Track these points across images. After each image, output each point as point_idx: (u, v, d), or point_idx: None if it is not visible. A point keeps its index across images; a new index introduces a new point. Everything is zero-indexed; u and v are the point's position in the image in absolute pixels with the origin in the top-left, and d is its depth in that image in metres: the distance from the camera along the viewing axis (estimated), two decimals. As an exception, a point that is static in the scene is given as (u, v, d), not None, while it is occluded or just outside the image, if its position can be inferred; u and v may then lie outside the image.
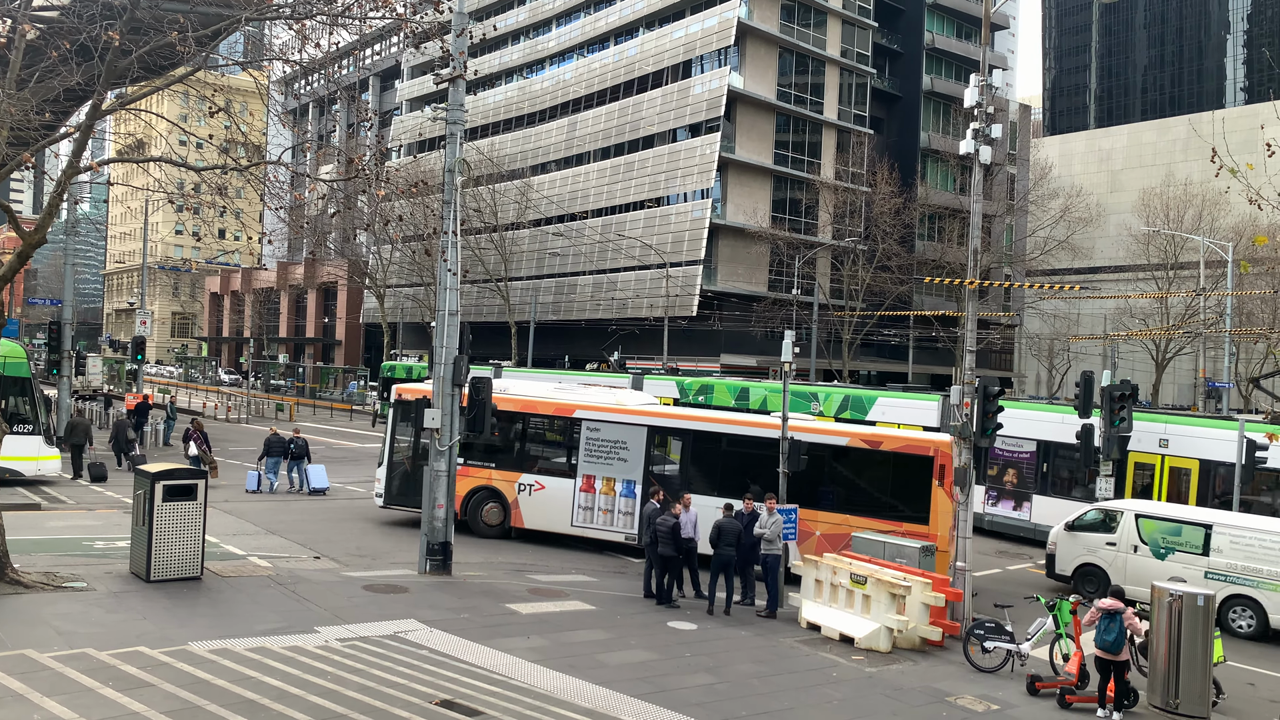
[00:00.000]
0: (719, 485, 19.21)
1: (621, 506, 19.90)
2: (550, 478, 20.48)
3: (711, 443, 19.84)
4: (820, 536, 18.24)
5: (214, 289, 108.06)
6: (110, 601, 13.12)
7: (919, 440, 19.02)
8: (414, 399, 19.53)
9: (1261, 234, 32.15)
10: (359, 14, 14.58)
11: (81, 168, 14.20)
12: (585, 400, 21.33)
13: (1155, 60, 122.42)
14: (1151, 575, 16.92)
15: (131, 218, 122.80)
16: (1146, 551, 18.55)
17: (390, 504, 21.48)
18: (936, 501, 17.84)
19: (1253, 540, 17.52)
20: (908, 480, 18.34)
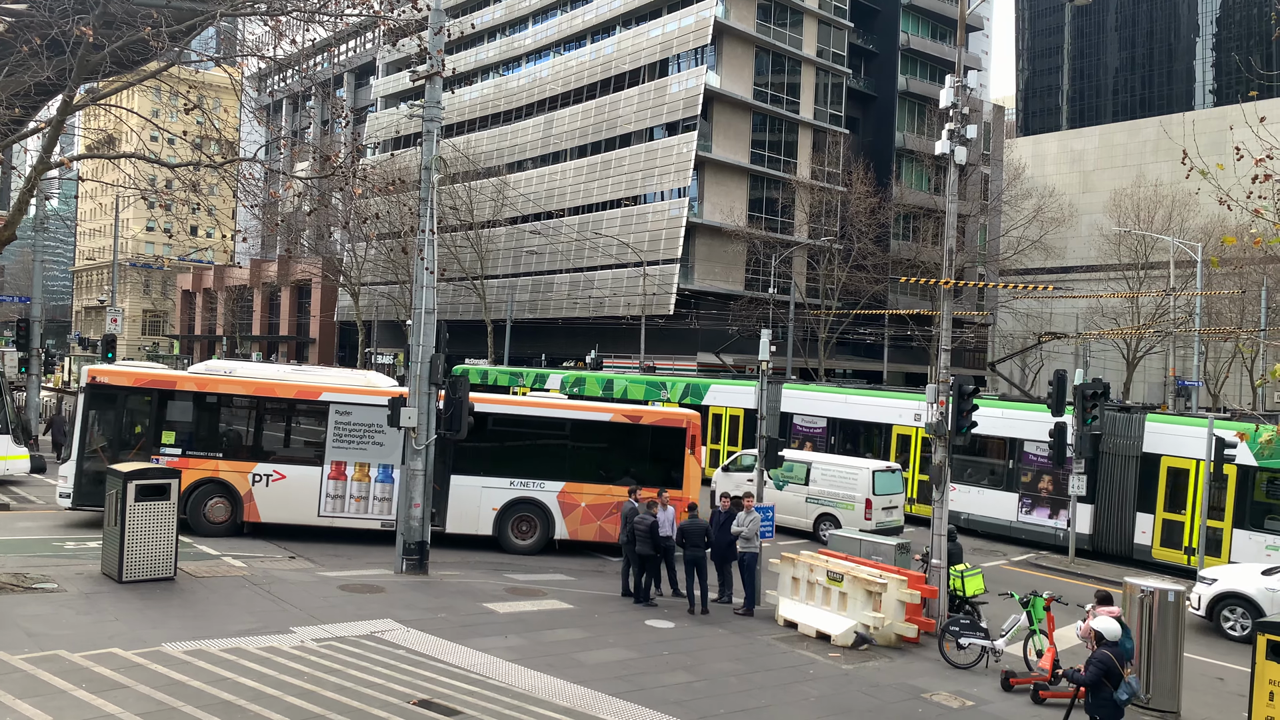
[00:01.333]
0: (495, 465, 19.48)
1: (378, 493, 19.16)
2: (292, 466, 19.04)
3: (477, 423, 18.54)
4: (586, 507, 19.56)
5: (186, 286, 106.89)
6: (82, 603, 12.96)
7: (673, 414, 20.92)
8: (119, 385, 18.89)
9: (1230, 234, 32.58)
10: (335, 10, 14.48)
11: (52, 163, 14.01)
12: (334, 382, 20.19)
13: (1126, 62, 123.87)
14: (776, 501, 22.30)
15: (102, 214, 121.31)
16: (772, 484, 23.66)
17: (80, 505, 18.87)
18: (689, 468, 20.02)
19: (834, 473, 23.77)
20: (665, 450, 20.08)
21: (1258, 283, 49.20)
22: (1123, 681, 9.39)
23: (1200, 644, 16.09)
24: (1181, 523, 22.14)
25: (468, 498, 19.30)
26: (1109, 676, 9.39)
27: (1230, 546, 20.96)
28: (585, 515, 19.63)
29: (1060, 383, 21.55)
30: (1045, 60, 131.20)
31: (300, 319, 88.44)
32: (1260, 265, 49.80)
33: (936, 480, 16.03)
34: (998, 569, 21.89)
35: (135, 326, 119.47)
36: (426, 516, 16.88)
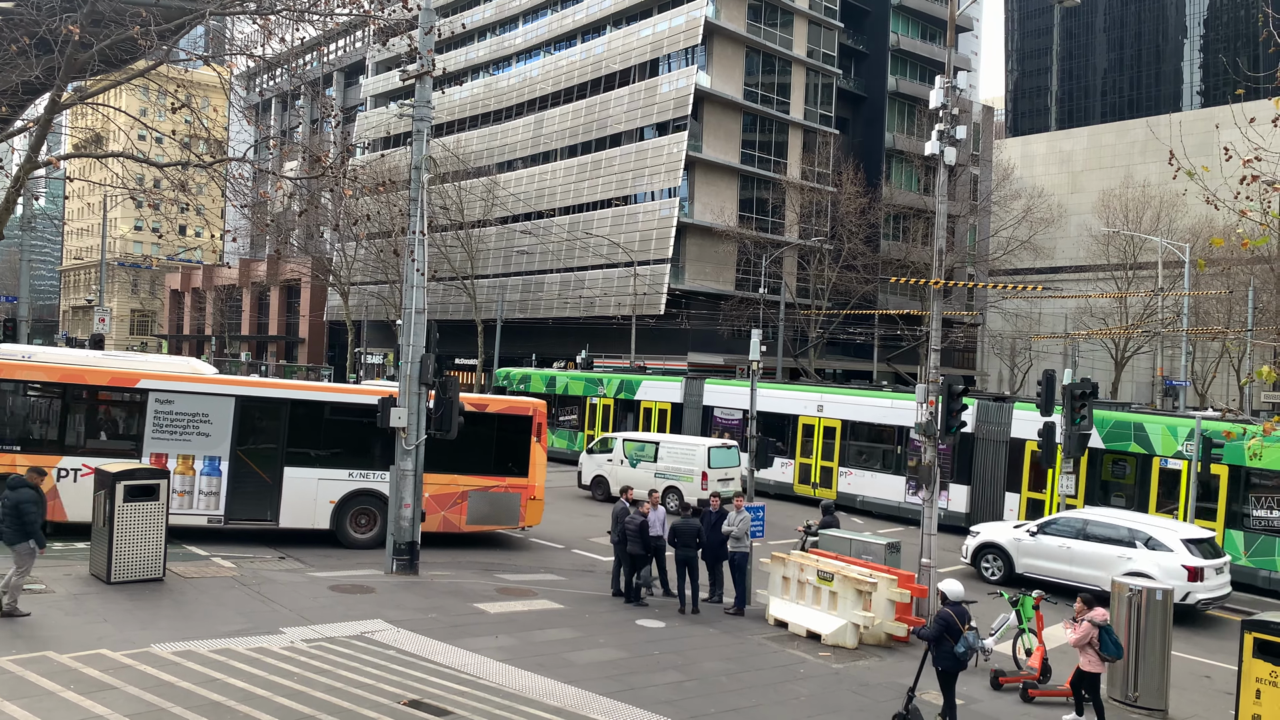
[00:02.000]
0: (332, 456, 18.71)
1: (204, 486, 18.06)
2: (105, 460, 16.82)
3: (312, 412, 18.76)
4: (430, 498, 18.66)
5: (174, 286, 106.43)
6: (70, 604, 12.90)
7: (520, 402, 20.91)
8: None
9: (1218, 235, 32.77)
10: (324, 9, 14.44)
11: (39, 162, 13.94)
12: (153, 369, 19.00)
13: (1115, 63, 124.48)
14: (631, 477, 25.76)
15: (90, 213, 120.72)
16: (628, 463, 27.25)
17: None
18: (535, 456, 20.12)
19: (677, 451, 26.69)
20: (511, 439, 20.08)
21: (1245, 283, 49.50)
22: (961, 636, 10.51)
23: (1189, 642, 16.18)
24: (1043, 501, 24.04)
25: (303, 491, 18.42)
26: (949, 632, 10.55)
27: None
28: (429, 505, 18.66)
29: (1049, 383, 21.63)
30: (1034, 61, 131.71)
31: (289, 319, 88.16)
32: (1247, 266, 50.11)
33: (925, 480, 16.08)
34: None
35: (123, 326, 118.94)
36: (417, 517, 16.85)
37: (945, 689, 11.02)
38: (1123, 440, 23.11)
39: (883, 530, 24.51)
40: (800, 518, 22.56)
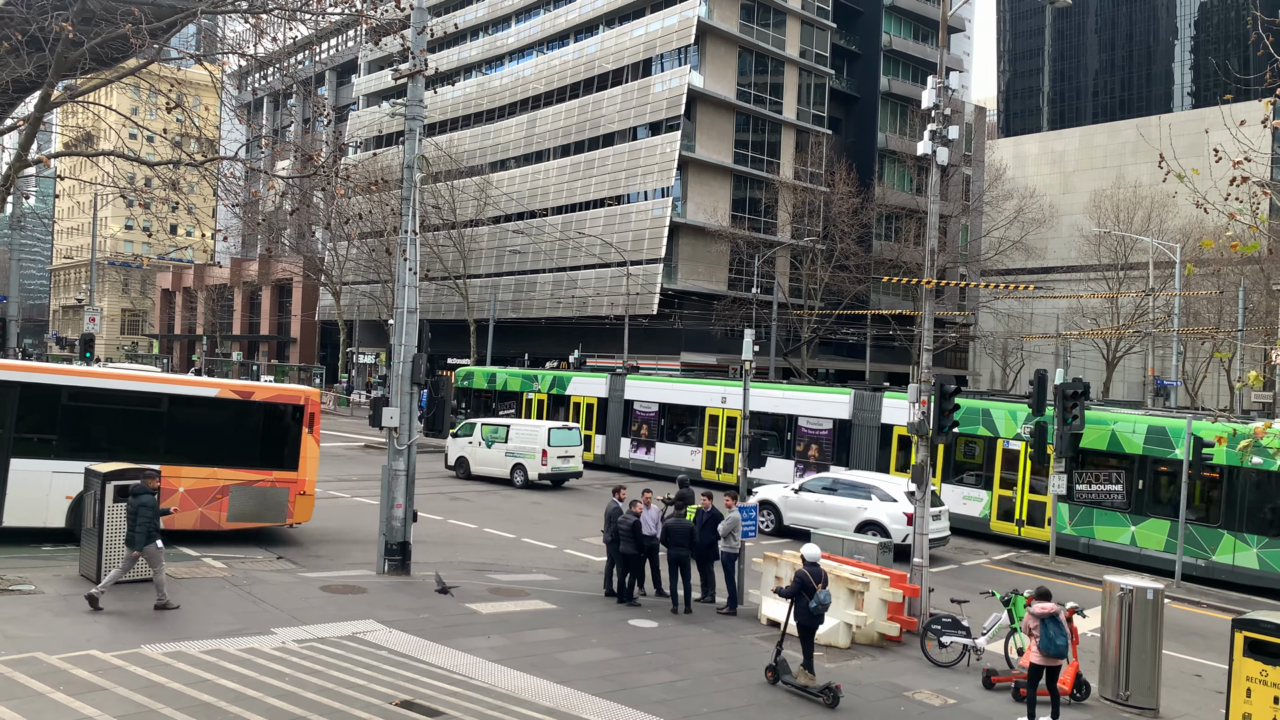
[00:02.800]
0: (70, 447, 17.05)
1: None
2: None
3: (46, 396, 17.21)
4: (185, 493, 17.67)
5: (165, 285, 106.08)
6: (60, 604, 12.85)
7: (290, 390, 19.85)
8: None
9: (1208, 236, 32.89)
10: (317, 8, 14.40)
11: (29, 161, 13.88)
12: None
13: (1106, 64, 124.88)
14: (486, 456, 30.50)
15: (80, 212, 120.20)
16: (484, 444, 30.63)
17: None
18: (306, 448, 19.01)
19: (524, 432, 30.17)
20: (280, 430, 18.98)
21: (1235, 284, 49.69)
22: (815, 594, 12.01)
23: (1181, 641, 16.24)
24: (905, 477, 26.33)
25: (34, 484, 16.65)
26: (805, 589, 12.04)
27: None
28: (184, 501, 17.57)
29: (1041, 382, 21.70)
30: (1026, 62, 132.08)
31: (281, 318, 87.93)
32: (1238, 267, 50.32)
33: (918, 479, 16.10)
34: (979, 568, 22.02)
35: (114, 326, 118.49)
36: (408, 517, 16.80)
37: (804, 642, 12.27)
38: (972, 424, 25.27)
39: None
40: None
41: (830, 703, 11.56)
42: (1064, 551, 23.11)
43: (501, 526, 22.47)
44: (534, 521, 23.85)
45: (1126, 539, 22.98)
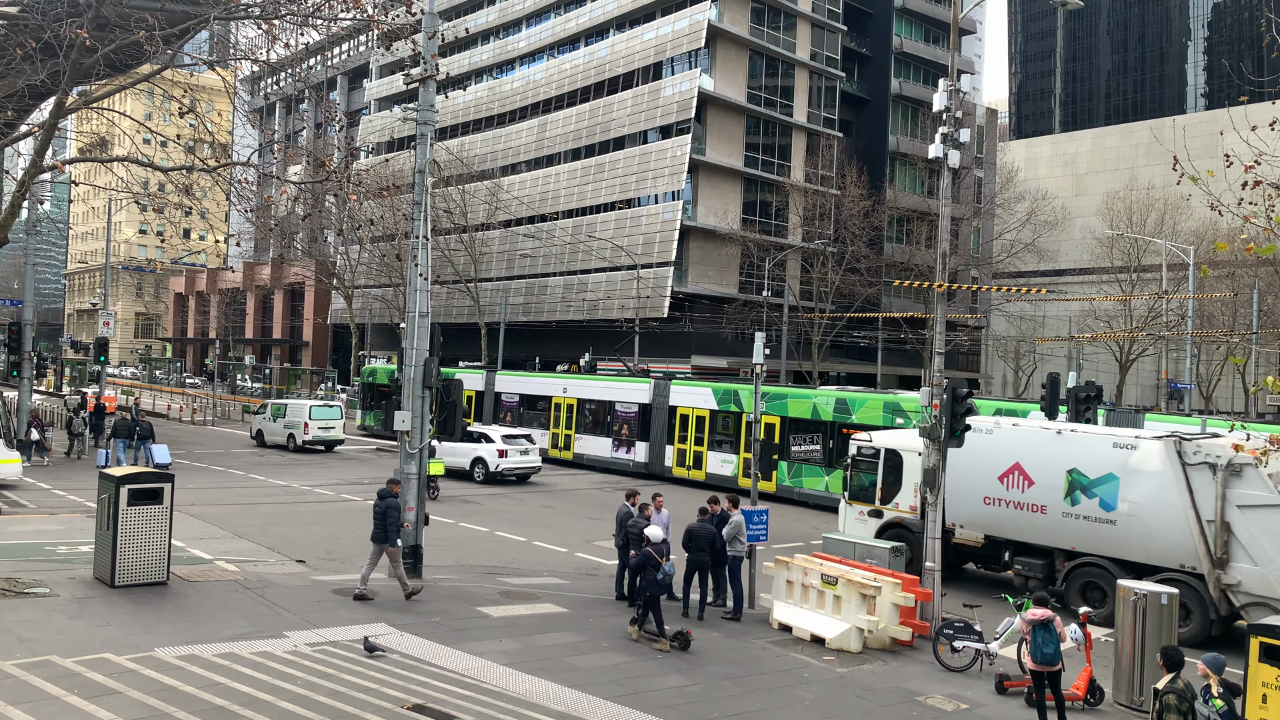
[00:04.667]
0: None
1: None
2: None
3: None
4: None
5: (178, 289, 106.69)
6: (74, 607, 12.91)
7: None
8: None
9: (1221, 239, 32.70)
10: (329, 14, 14.46)
11: (44, 166, 13.97)
12: None
13: (1119, 66, 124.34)
14: (273, 430, 38.48)
15: (94, 217, 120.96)
16: (272, 419, 38.65)
17: None
18: None
19: (296, 408, 38.27)
20: None
21: (1250, 286, 49.38)
22: (660, 566, 13.56)
23: (1196, 647, 16.13)
24: (685, 450, 33.37)
25: None
26: (649, 562, 13.62)
27: (706, 463, 32.55)
28: None
29: (1054, 386, 21.61)
30: (1038, 64, 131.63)
31: (293, 322, 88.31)
32: (1252, 269, 50.02)
33: (931, 484, 16.03)
34: (989, 573, 21.89)
35: (128, 329, 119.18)
36: (420, 520, 16.83)
37: (653, 611, 13.70)
38: (727, 403, 32.04)
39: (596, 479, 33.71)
40: (556, 478, 33.43)
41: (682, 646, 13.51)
42: (783, 499, 29.08)
43: (512, 530, 22.50)
44: (545, 525, 23.87)
45: (823, 486, 28.78)
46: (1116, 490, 17.18)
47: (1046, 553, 18.30)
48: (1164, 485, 16.55)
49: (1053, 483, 17.92)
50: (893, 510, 20.48)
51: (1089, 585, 17.56)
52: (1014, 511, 18.51)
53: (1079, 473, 17.64)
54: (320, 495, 26.72)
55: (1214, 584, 15.83)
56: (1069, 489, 17.76)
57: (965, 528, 19.31)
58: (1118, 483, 17.19)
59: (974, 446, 17.92)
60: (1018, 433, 18.94)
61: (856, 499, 21.22)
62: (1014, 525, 18.53)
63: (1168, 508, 16.48)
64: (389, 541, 14.61)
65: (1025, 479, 18.37)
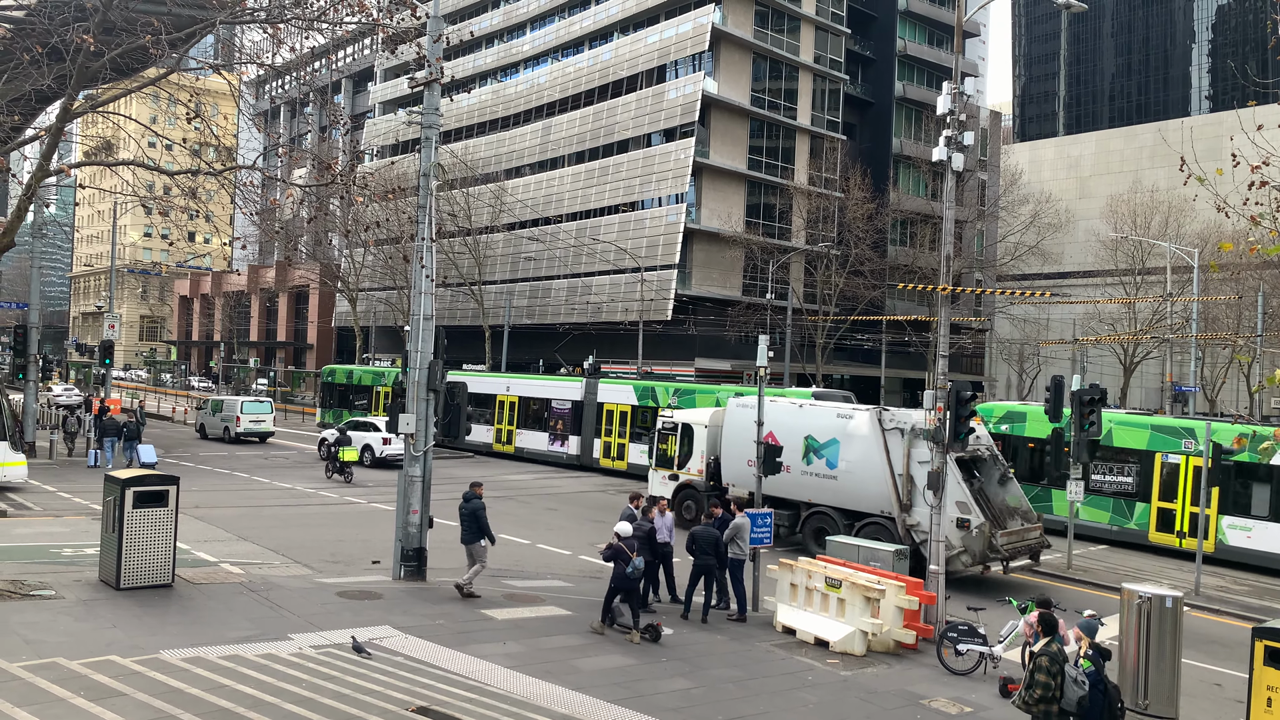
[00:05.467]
0: None
1: None
2: None
3: None
4: None
5: (183, 292, 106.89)
6: (80, 610, 12.95)
7: None
8: None
9: (1227, 240, 32.65)
10: (333, 18, 14.50)
11: (51, 170, 14.02)
12: None
13: (1123, 68, 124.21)
14: (213, 424, 42.40)
15: (99, 220, 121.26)
16: (212, 414, 42.72)
17: None
18: None
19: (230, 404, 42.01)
20: None
21: (1254, 288, 49.28)
22: (630, 561, 13.95)
23: (1201, 650, 16.11)
24: (610, 442, 35.89)
25: None
26: (620, 556, 13.99)
27: (628, 454, 34.78)
28: None
29: (1057, 389, 21.57)
30: (1042, 66, 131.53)
31: (298, 325, 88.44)
32: (1257, 271, 49.92)
33: (934, 486, 16.03)
34: (995, 574, 21.88)
35: (133, 332, 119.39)
36: (424, 523, 16.86)
37: (619, 603, 14.30)
38: (645, 399, 34.62)
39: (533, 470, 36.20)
40: (498, 470, 35.34)
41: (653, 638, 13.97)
42: None
43: (516, 532, 22.51)
44: (549, 528, 23.89)
45: None
46: (838, 452, 21.09)
47: (793, 505, 22.06)
48: (870, 447, 20.40)
49: (795, 447, 21.57)
50: (685, 474, 24.64)
51: (820, 530, 21.19)
52: None
53: (812, 438, 21.67)
54: (325, 498, 26.76)
55: (901, 525, 19.69)
56: (805, 452, 21.68)
57: (736, 486, 22.57)
58: (839, 446, 21.10)
59: (741, 420, 22.30)
60: (773, 407, 22.17)
61: (661, 466, 25.49)
62: (775, 484, 21.01)
63: (873, 465, 20.27)
64: (493, 540, 15.77)
65: (776, 445, 20.87)
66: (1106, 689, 9.74)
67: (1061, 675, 9.40)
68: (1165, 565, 23.71)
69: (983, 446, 21.29)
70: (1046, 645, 9.62)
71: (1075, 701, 9.39)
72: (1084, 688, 9.46)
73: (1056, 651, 9.54)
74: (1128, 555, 24.74)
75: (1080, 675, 9.56)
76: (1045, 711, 9.39)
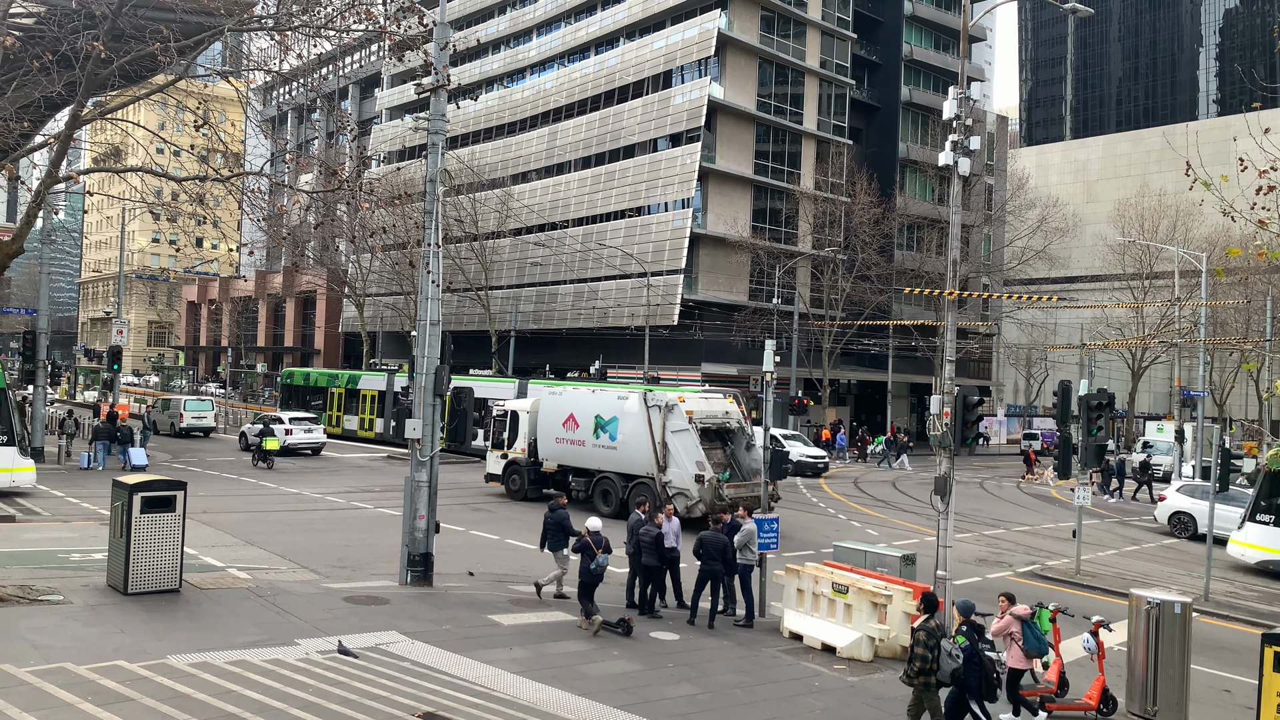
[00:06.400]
0: None
1: None
2: None
3: None
4: None
5: (191, 298, 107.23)
6: (87, 615, 12.98)
7: None
8: None
9: (1235, 244, 32.56)
10: (340, 25, 14.56)
11: (60, 177, 14.09)
12: None
13: (1130, 73, 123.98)
14: (162, 420, 46.17)
15: (108, 226, 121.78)
16: (161, 410, 46.96)
17: None
18: None
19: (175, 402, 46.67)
20: None
21: (1263, 292, 49.11)
22: (595, 557, 14.29)
23: (1210, 656, 16.03)
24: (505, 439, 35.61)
25: None
26: (586, 551, 14.40)
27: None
28: None
29: (1065, 393, 21.52)
30: (1048, 70, 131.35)
31: (305, 330, 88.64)
32: (1265, 275, 49.75)
33: (941, 491, 16.00)
34: (1003, 580, 21.84)
35: (141, 338, 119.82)
36: (430, 528, 16.87)
37: (583, 599, 14.50)
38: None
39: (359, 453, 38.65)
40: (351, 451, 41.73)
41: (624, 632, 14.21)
42: None
43: (522, 538, 22.51)
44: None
45: None
46: (618, 427, 25.78)
47: (588, 473, 26.80)
48: (639, 422, 25.12)
49: (588, 424, 26.63)
50: (513, 453, 29.40)
51: (605, 492, 26.19)
52: (571, 446, 27.28)
53: (600, 417, 26.37)
54: (332, 503, 26.81)
55: (659, 483, 24.26)
56: (595, 428, 26.40)
57: (548, 461, 28.12)
58: (618, 422, 25.80)
59: (552, 405, 28.12)
60: (574, 393, 28.41)
61: (495, 447, 30.33)
62: (571, 455, 27.29)
63: (640, 436, 24.92)
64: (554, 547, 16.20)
65: (575, 424, 26.96)
66: (982, 662, 10.57)
67: (938, 649, 10.20)
68: (1174, 571, 23.63)
69: (733, 420, 26.34)
70: (925, 622, 10.45)
71: (950, 673, 10.21)
72: (958, 660, 10.23)
73: (934, 628, 10.37)
74: (1134, 560, 24.64)
75: (956, 650, 10.32)
76: (925, 683, 10.26)
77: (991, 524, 30.07)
